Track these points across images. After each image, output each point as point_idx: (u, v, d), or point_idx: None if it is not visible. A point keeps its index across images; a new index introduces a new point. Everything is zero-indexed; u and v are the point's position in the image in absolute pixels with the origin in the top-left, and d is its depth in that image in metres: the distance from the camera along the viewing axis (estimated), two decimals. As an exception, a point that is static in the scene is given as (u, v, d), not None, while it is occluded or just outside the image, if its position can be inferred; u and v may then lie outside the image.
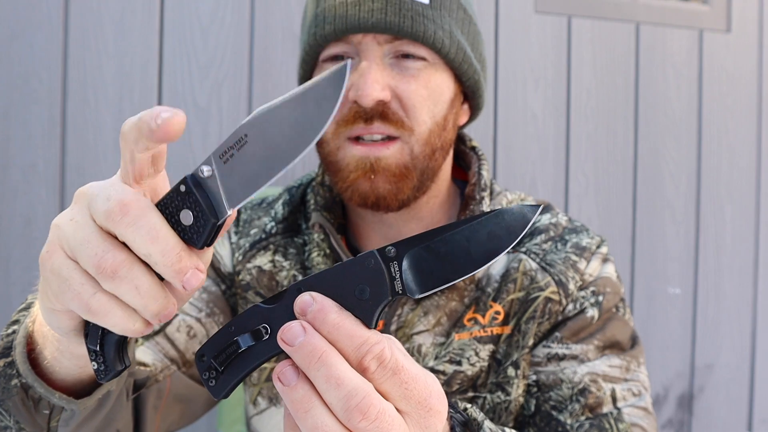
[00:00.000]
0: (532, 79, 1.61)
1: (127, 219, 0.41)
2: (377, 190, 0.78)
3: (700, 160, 1.73)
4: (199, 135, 1.39)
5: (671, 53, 1.70)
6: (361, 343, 0.42)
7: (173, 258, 0.42)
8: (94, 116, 1.34)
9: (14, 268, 1.31)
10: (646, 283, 1.69)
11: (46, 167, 1.31)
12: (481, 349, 0.82)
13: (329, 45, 0.81)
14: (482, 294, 0.83)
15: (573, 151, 1.64)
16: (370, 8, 0.77)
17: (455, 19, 0.82)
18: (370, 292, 0.43)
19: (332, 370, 0.41)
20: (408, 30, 0.77)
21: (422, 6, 0.78)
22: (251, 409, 0.90)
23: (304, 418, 0.41)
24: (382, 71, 0.78)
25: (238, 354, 0.44)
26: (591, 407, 0.77)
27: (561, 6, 1.63)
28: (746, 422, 1.78)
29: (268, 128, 0.41)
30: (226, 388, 0.45)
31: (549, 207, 0.91)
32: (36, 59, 1.31)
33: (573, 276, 0.83)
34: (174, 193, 0.42)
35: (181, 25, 1.38)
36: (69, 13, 1.33)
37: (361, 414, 0.40)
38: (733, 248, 1.76)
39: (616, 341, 0.82)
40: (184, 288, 0.42)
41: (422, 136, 0.79)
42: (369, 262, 0.44)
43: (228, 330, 0.44)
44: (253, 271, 0.89)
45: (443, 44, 0.79)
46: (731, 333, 1.77)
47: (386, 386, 0.42)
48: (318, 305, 0.42)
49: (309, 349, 0.41)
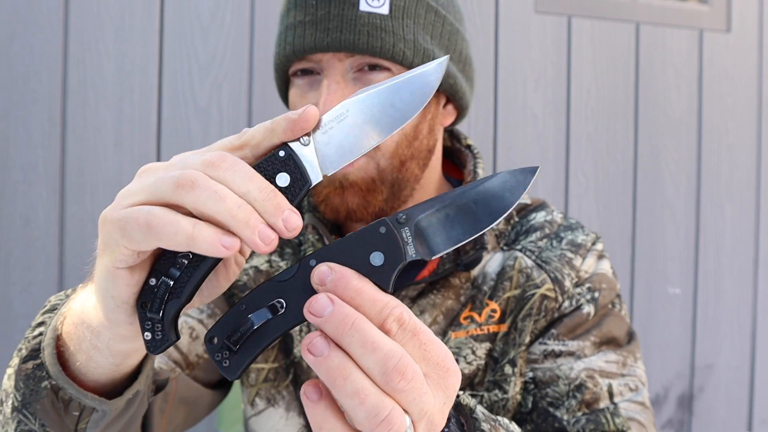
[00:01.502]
0: (532, 79, 1.61)
1: (225, 164, 0.42)
2: (347, 204, 0.80)
3: (700, 160, 1.73)
4: (199, 135, 1.39)
5: (671, 53, 1.70)
6: (383, 306, 0.42)
7: (271, 194, 0.42)
8: (94, 116, 1.34)
9: (14, 268, 1.31)
10: (646, 283, 1.69)
11: (46, 167, 1.31)
12: (477, 347, 0.82)
13: (293, 62, 0.82)
14: (478, 292, 0.84)
15: (573, 151, 1.64)
16: (325, 27, 0.77)
17: (421, 24, 0.80)
18: (384, 258, 0.44)
19: (367, 335, 0.41)
20: (364, 46, 0.76)
21: (380, 18, 0.77)
22: (249, 410, 0.90)
23: (343, 385, 0.41)
24: (343, 89, 0.78)
25: (253, 331, 0.43)
26: (588, 403, 0.78)
27: (561, 6, 1.63)
28: (746, 422, 1.78)
29: (369, 107, 0.46)
30: (241, 367, 0.44)
31: (544, 204, 0.91)
32: (36, 59, 1.31)
33: (569, 273, 0.83)
34: (272, 158, 0.45)
35: (181, 25, 1.38)
36: (69, 13, 1.33)
37: (399, 375, 0.41)
38: (733, 248, 1.76)
39: (612, 337, 0.82)
40: (285, 227, 0.42)
41: (388, 150, 0.79)
42: (381, 230, 0.44)
43: (239, 309, 0.44)
44: (250, 271, 0.90)
45: (404, 56, 0.78)
46: (731, 333, 1.77)
47: (407, 348, 0.43)
48: (337, 274, 0.42)
49: (340, 318, 0.41)
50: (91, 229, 1.33)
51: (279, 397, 0.87)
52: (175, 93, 1.38)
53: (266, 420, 0.88)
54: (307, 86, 0.82)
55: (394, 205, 0.82)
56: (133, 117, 1.36)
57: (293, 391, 0.86)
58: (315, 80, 0.81)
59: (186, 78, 1.38)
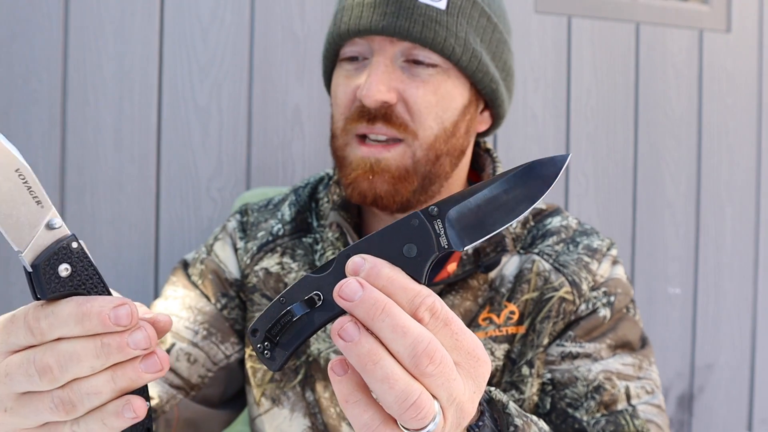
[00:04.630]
0: (532, 79, 1.61)
1: None
2: (375, 190, 0.80)
3: (700, 160, 1.73)
4: (198, 135, 1.39)
5: (671, 53, 1.70)
6: (415, 295, 0.43)
7: None
8: (94, 116, 1.34)
9: (14, 268, 1.31)
10: (646, 283, 1.69)
11: (46, 167, 1.32)
12: (496, 348, 0.83)
13: (346, 43, 0.82)
14: (496, 294, 0.84)
15: (573, 151, 1.64)
16: (383, 11, 0.78)
17: (474, 26, 0.81)
18: (417, 250, 0.45)
19: (397, 320, 0.42)
20: (417, 35, 0.77)
21: (437, 11, 0.78)
22: (255, 410, 0.90)
23: (373, 369, 0.42)
24: (390, 73, 0.78)
25: (292, 323, 0.45)
26: (606, 404, 0.78)
27: (561, 6, 1.63)
28: (746, 422, 1.78)
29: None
30: (283, 358, 0.46)
31: (559, 210, 0.92)
32: (36, 59, 1.31)
33: (586, 276, 0.84)
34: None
35: (181, 25, 1.38)
36: (69, 13, 1.33)
37: (428, 358, 0.41)
38: (733, 248, 1.76)
39: (627, 341, 0.83)
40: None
41: (427, 141, 0.80)
42: (414, 223, 0.45)
43: (279, 302, 0.45)
44: (260, 273, 0.90)
45: (454, 51, 0.79)
46: (731, 333, 1.77)
47: (439, 336, 0.43)
48: (370, 263, 0.43)
49: (371, 302, 0.42)
50: (91, 229, 1.33)
51: (284, 398, 0.87)
52: (175, 93, 1.38)
53: (272, 419, 0.88)
54: (354, 71, 0.82)
55: (421, 198, 0.82)
56: (133, 117, 1.36)
57: (300, 392, 0.87)
58: (362, 66, 0.82)
59: (186, 78, 1.38)
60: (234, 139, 1.40)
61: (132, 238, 1.35)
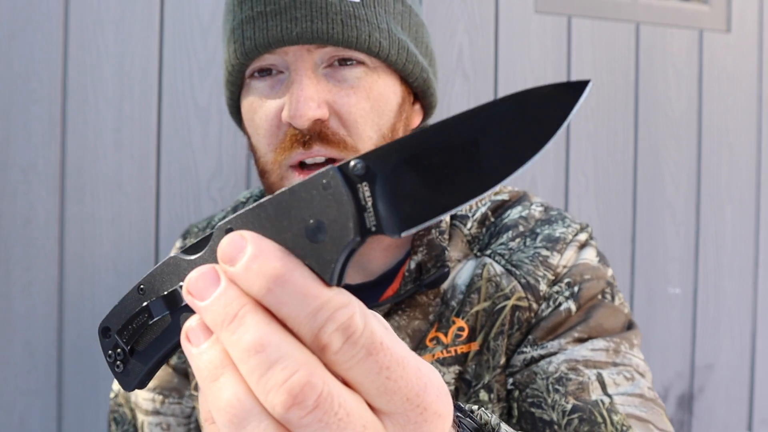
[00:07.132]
0: (532, 79, 1.61)
1: None
2: None
3: (700, 160, 1.73)
4: (199, 135, 1.39)
5: (671, 53, 1.70)
6: (319, 307, 0.27)
7: None
8: (94, 116, 1.34)
9: (14, 268, 1.31)
10: (646, 283, 1.69)
11: (46, 167, 1.31)
12: (445, 371, 0.73)
13: (253, 61, 0.72)
14: (446, 309, 0.74)
15: (573, 151, 1.64)
16: (292, 16, 0.68)
17: (392, 13, 0.73)
18: (328, 230, 0.28)
19: (254, 334, 0.27)
20: (339, 37, 0.68)
21: (353, 5, 0.69)
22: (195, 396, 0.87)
23: (209, 389, 0.29)
24: (316, 85, 0.69)
25: (148, 326, 0.31)
26: (575, 394, 0.66)
27: (561, 6, 1.63)
28: (746, 422, 1.78)
29: None
30: (138, 376, 0.31)
31: (522, 198, 0.81)
32: (36, 59, 1.31)
33: (544, 274, 0.74)
34: None
35: (181, 25, 1.38)
36: (69, 13, 1.33)
37: (290, 397, 0.26)
38: (733, 248, 1.76)
39: (602, 330, 0.72)
40: None
41: (366, 148, 0.71)
42: (326, 185, 0.28)
43: (138, 291, 0.31)
44: None
45: (381, 46, 0.71)
46: (731, 333, 1.76)
47: (357, 373, 0.28)
48: (254, 249, 0.28)
49: (222, 307, 0.28)
50: (91, 229, 1.33)
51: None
52: (175, 93, 1.38)
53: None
54: (268, 88, 0.72)
55: None
56: (133, 117, 1.36)
57: None
58: (278, 80, 0.72)
59: (186, 78, 1.38)
60: (234, 139, 1.40)
61: (132, 237, 1.35)
